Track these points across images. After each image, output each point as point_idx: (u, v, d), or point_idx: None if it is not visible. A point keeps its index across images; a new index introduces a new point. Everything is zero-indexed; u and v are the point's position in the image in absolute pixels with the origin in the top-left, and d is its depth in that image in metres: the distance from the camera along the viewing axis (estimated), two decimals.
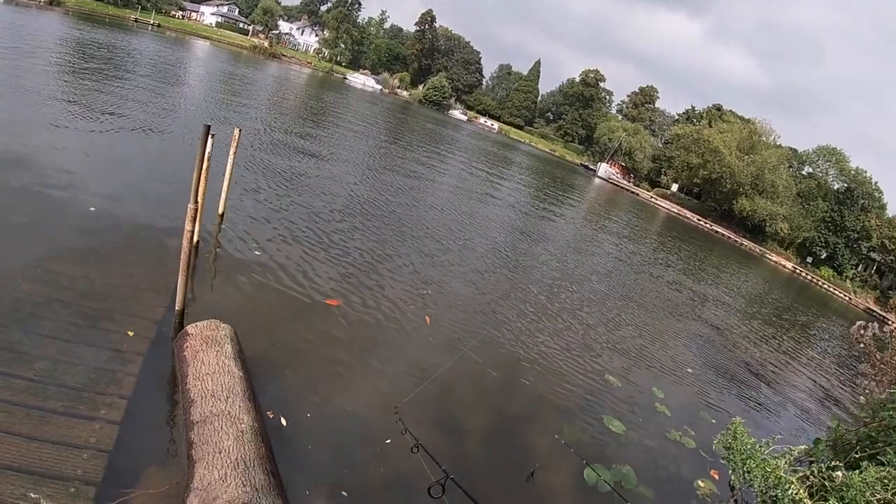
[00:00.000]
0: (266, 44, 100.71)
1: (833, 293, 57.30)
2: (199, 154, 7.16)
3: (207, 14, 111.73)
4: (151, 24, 78.64)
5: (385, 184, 22.17)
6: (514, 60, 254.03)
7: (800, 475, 5.97)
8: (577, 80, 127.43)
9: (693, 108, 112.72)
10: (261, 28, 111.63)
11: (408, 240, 15.51)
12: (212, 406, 5.74)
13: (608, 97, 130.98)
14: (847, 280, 65.89)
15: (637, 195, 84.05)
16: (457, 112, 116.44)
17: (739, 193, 73.70)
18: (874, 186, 73.37)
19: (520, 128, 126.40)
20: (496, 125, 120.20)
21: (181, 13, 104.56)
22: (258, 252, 11.02)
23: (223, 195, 11.79)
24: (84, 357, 6.21)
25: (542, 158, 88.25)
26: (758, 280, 41.93)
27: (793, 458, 6.14)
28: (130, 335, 6.91)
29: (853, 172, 74.64)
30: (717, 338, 18.10)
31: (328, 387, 7.56)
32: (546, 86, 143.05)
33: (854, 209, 71.77)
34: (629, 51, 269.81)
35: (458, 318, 11.51)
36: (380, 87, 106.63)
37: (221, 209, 11.88)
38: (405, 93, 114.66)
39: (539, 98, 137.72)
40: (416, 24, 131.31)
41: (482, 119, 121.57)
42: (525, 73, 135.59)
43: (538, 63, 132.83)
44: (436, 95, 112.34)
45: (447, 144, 51.87)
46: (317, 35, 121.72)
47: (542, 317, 13.43)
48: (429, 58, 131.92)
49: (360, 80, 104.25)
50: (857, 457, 7.10)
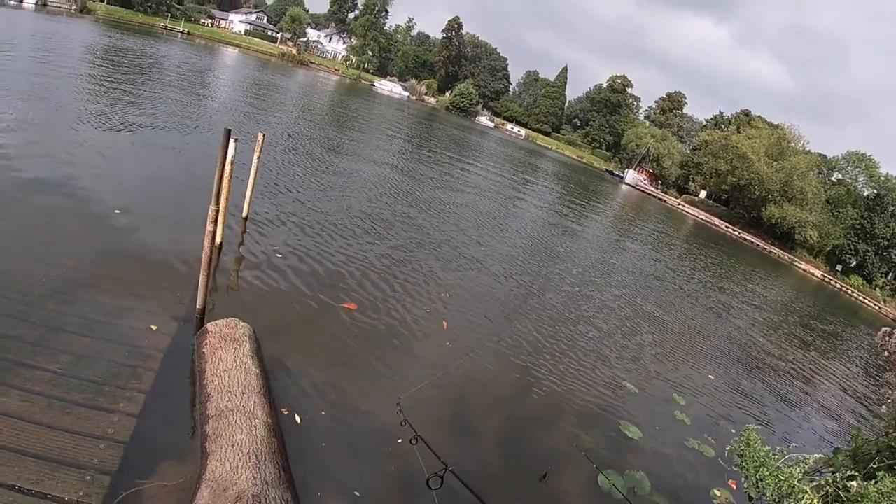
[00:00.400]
0: (294, 51, 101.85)
1: (862, 302, 56.00)
2: (221, 157, 7.34)
3: (236, 22, 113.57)
4: (181, 32, 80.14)
5: (408, 190, 22.30)
6: (541, 67, 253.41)
7: (814, 484, 5.89)
8: (605, 86, 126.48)
9: (721, 114, 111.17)
10: (289, 36, 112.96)
11: (428, 246, 15.56)
12: (227, 401, 5.88)
13: (636, 103, 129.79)
14: (877, 289, 64.09)
15: (664, 202, 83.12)
16: (484, 118, 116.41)
17: (768, 200, 72.30)
18: None
19: (547, 134, 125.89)
20: (523, 132, 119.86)
21: (210, 21, 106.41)
22: (279, 255, 11.20)
23: (247, 198, 12.03)
24: (106, 352, 6.42)
25: (569, 165, 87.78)
26: (786, 289, 41.18)
27: (808, 468, 6.04)
28: (154, 329, 7.14)
29: (883, 179, 73.09)
30: (742, 346, 17.84)
31: (343, 386, 7.66)
32: (573, 92, 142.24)
33: (884, 216, 69.85)
34: (656, 56, 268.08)
35: (476, 324, 11.52)
36: (407, 94, 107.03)
37: (245, 212, 12.13)
38: (432, 99, 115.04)
39: (566, 104, 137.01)
40: (443, 31, 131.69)
41: (509, 125, 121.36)
42: (552, 80, 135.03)
43: (565, 69, 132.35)
44: (463, 102, 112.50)
45: (473, 151, 51.94)
46: (344, 42, 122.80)
47: (562, 323, 13.37)
48: (456, 64, 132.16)
49: (388, 87, 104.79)
50: (876, 467, 6.96)
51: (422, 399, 7.87)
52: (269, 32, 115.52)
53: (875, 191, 73.57)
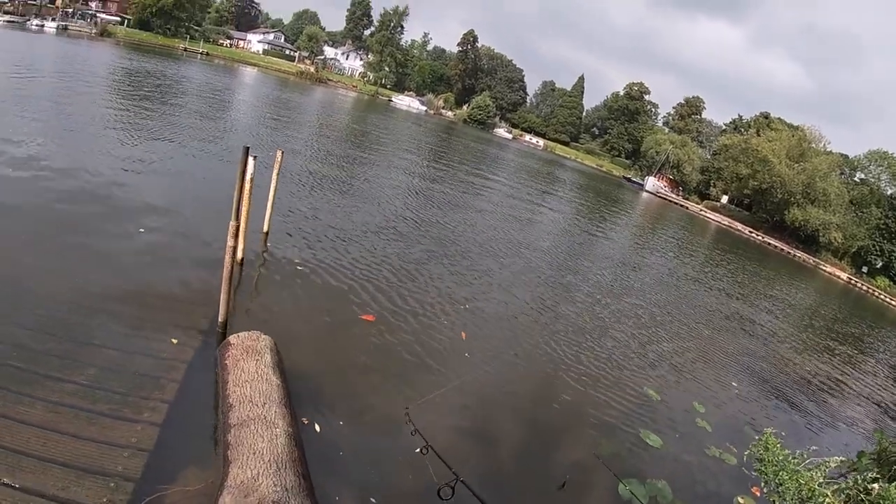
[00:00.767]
0: (312, 69, 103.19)
1: (889, 304, 54.69)
2: (240, 174, 7.52)
3: (254, 42, 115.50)
4: (200, 53, 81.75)
5: (427, 203, 22.44)
6: (558, 76, 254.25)
7: (835, 488, 5.81)
8: (622, 94, 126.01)
9: (740, 118, 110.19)
10: (306, 54, 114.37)
11: (447, 257, 15.63)
12: (249, 411, 5.99)
13: (653, 110, 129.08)
14: None
15: (686, 208, 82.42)
16: (502, 130, 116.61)
17: (791, 203, 71.16)
18: None
19: (565, 144, 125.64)
20: (541, 142, 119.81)
21: (229, 42, 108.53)
22: (300, 268, 11.36)
23: (267, 214, 12.23)
24: (131, 364, 6.61)
25: (589, 174, 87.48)
26: (810, 292, 40.48)
27: (829, 471, 5.96)
28: (176, 342, 7.32)
29: None
30: (765, 352, 17.60)
31: (362, 397, 7.73)
32: (590, 101, 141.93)
33: None
34: (672, 62, 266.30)
35: (495, 334, 11.53)
36: (424, 109, 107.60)
37: (266, 227, 12.32)
38: (450, 113, 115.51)
39: (584, 113, 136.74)
40: (459, 45, 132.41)
41: (527, 136, 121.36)
42: (569, 89, 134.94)
43: (581, 78, 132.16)
44: (480, 115, 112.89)
45: (491, 163, 52.06)
46: (361, 59, 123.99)
47: (582, 332, 13.32)
48: (472, 77, 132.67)
49: (405, 102, 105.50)
50: None
51: (438, 408, 7.92)
52: (287, 51, 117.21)
53: None
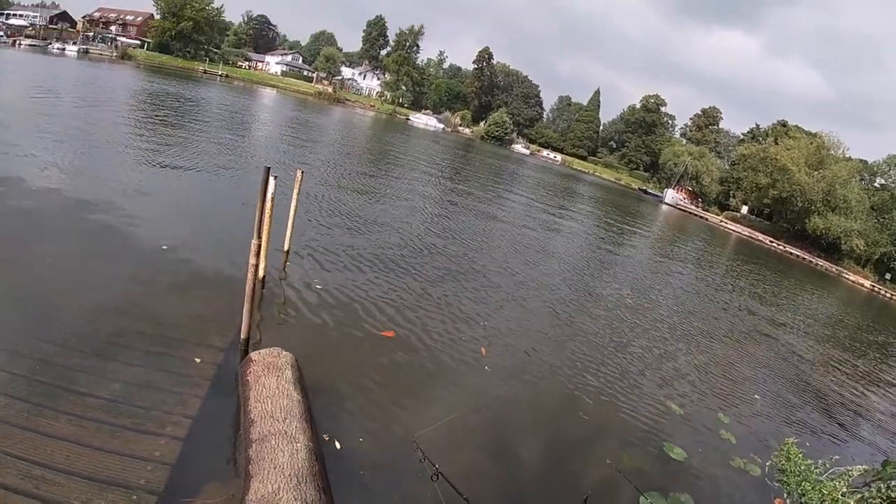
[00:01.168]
0: (330, 89, 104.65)
1: None
2: (261, 194, 7.63)
3: (273, 63, 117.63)
4: (220, 75, 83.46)
5: (446, 220, 22.52)
6: (574, 91, 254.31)
7: (858, 497, 5.71)
8: (638, 107, 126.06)
9: (758, 126, 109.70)
10: (324, 75, 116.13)
11: (466, 273, 15.61)
12: (270, 426, 6.03)
13: (670, 122, 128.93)
14: None
15: (706, 220, 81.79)
16: (519, 146, 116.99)
17: (811, 211, 70.22)
18: None
19: (583, 158, 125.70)
20: (559, 157, 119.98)
21: (247, 63, 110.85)
22: (319, 286, 11.43)
23: (288, 233, 12.37)
24: (154, 380, 6.72)
25: (607, 188, 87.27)
26: (833, 301, 39.75)
27: (853, 480, 5.87)
28: (198, 361, 7.40)
29: None
30: (789, 363, 17.30)
31: (382, 413, 7.73)
32: (607, 114, 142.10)
33: None
34: (688, 73, 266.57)
35: (515, 349, 11.45)
36: (442, 126, 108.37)
37: (287, 246, 12.45)
38: (467, 130, 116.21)
39: (601, 127, 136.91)
40: (474, 62, 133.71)
41: (545, 152, 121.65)
42: (585, 104, 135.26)
43: (597, 92, 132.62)
44: (497, 131, 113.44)
45: (509, 178, 52.12)
46: (378, 79, 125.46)
47: (603, 345, 13.20)
48: (488, 94, 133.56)
49: (423, 121, 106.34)
50: None
51: (458, 427, 7.90)
52: (305, 72, 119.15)
53: None
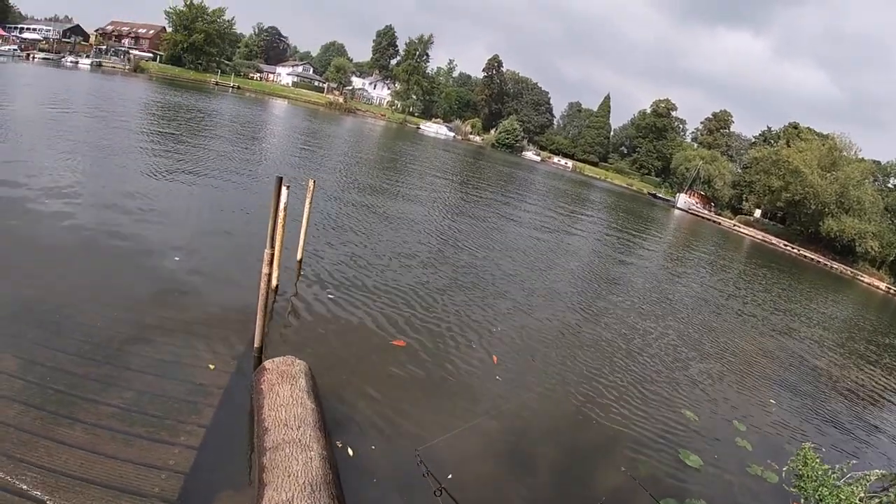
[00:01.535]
0: (341, 99, 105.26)
1: None
2: (274, 203, 7.68)
3: (284, 74, 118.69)
4: (231, 87, 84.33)
5: (457, 227, 22.52)
6: (584, 97, 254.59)
7: (876, 502, 5.64)
8: (649, 112, 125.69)
9: (769, 129, 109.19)
10: (335, 85, 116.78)
11: (477, 281, 15.58)
12: (284, 434, 6.03)
13: (681, 126, 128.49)
14: None
15: (719, 224, 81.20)
16: (530, 153, 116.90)
17: (825, 214, 69.61)
18: None
19: (594, 164, 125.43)
20: (570, 163, 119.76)
21: (259, 75, 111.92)
22: (331, 295, 11.46)
23: (300, 242, 12.42)
24: (168, 389, 6.75)
25: (618, 193, 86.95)
26: (849, 304, 39.28)
27: (869, 484, 5.79)
28: (211, 369, 7.43)
29: None
30: (805, 368, 17.10)
31: (394, 423, 7.70)
32: (617, 120, 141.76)
33: None
34: (698, 76, 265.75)
35: (526, 358, 11.39)
36: (453, 135, 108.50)
37: (299, 255, 12.50)
38: (478, 138, 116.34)
39: (611, 133, 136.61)
40: (484, 70, 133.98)
41: (556, 158, 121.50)
42: (595, 109, 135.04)
43: (608, 98, 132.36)
44: (508, 138, 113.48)
45: (521, 185, 52.10)
46: (388, 88, 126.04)
47: (616, 352, 13.10)
48: (498, 102, 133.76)
49: (433, 129, 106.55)
50: None
51: (469, 437, 7.87)
52: (316, 83, 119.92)
53: None
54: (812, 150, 74.82)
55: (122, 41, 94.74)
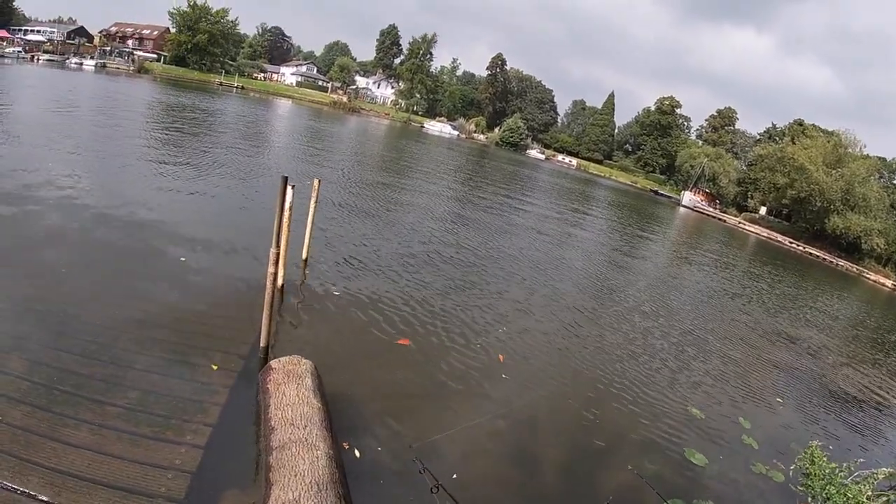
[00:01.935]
0: (345, 99, 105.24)
1: None
2: (279, 203, 7.67)
3: (287, 74, 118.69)
4: (235, 87, 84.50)
5: (462, 226, 22.50)
6: (587, 95, 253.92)
7: (884, 500, 5.59)
8: (653, 109, 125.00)
9: (774, 126, 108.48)
10: (339, 84, 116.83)
11: (481, 279, 15.57)
12: (290, 433, 6.02)
13: (686, 123, 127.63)
14: None
15: (724, 221, 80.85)
16: (534, 152, 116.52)
17: (830, 211, 68.98)
18: None
19: (599, 162, 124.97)
20: (574, 161, 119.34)
21: (263, 75, 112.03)
22: (336, 294, 11.46)
23: (306, 241, 12.42)
24: (174, 389, 6.76)
25: (623, 191, 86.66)
26: (854, 302, 39.01)
27: (877, 483, 5.75)
28: (217, 369, 7.44)
29: None
30: (810, 366, 16.99)
31: (399, 422, 7.67)
32: (622, 117, 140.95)
33: None
34: (702, 74, 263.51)
35: (532, 356, 11.36)
36: (457, 133, 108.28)
37: (305, 255, 12.51)
38: (482, 136, 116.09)
39: (616, 131, 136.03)
40: (488, 69, 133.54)
41: (560, 156, 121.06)
42: (599, 107, 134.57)
43: (612, 95, 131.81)
44: (512, 137, 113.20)
45: (525, 184, 52.02)
46: (392, 87, 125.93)
47: (621, 351, 13.05)
48: (502, 100, 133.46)
49: (437, 128, 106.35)
50: None
51: (476, 435, 7.86)
52: (320, 82, 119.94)
53: None
54: (817, 147, 74.21)
55: (127, 42, 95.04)
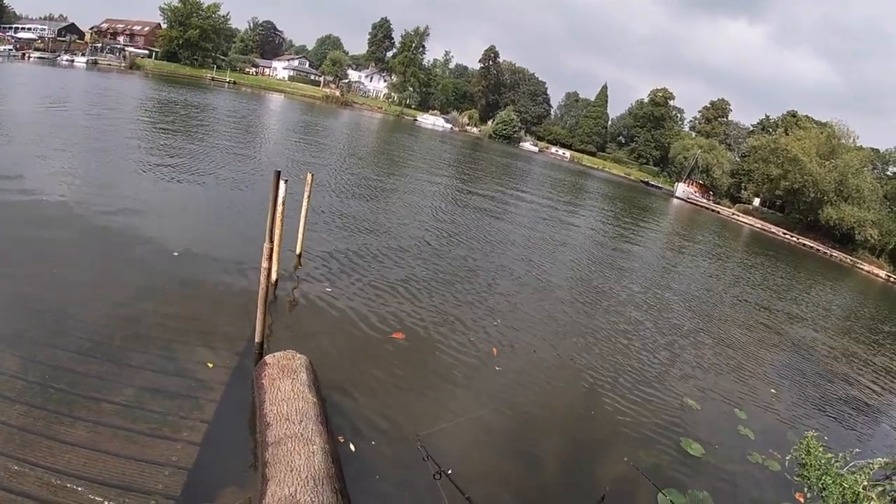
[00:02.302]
0: (337, 93, 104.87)
1: None
2: (272, 198, 7.66)
3: (279, 69, 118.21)
4: (227, 82, 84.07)
5: (455, 219, 22.50)
6: (581, 87, 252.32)
7: (879, 490, 5.63)
8: (646, 101, 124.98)
9: (767, 118, 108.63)
10: (331, 78, 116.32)
11: (475, 272, 15.59)
12: (286, 429, 6.03)
13: (679, 115, 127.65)
14: None
15: (718, 213, 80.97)
16: (527, 144, 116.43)
17: (824, 202, 69.20)
18: None
19: (592, 154, 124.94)
20: (568, 153, 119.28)
21: (255, 70, 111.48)
22: (330, 288, 11.46)
23: (300, 236, 12.41)
24: (169, 385, 6.75)
25: (616, 183, 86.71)
26: (848, 292, 39.19)
27: (873, 473, 5.79)
28: (211, 366, 7.43)
29: None
30: (805, 356, 17.09)
31: (394, 415, 7.70)
32: (615, 109, 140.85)
33: None
34: (696, 66, 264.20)
35: (526, 349, 11.39)
36: (450, 126, 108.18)
37: (298, 249, 12.49)
38: (475, 129, 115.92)
39: (609, 122, 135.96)
40: (480, 61, 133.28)
41: (553, 149, 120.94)
42: (593, 99, 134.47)
43: (605, 87, 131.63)
44: (505, 129, 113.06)
45: (518, 176, 51.97)
46: (385, 81, 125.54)
47: (616, 342, 13.10)
48: (495, 93, 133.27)
49: (430, 121, 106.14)
50: None
51: (470, 427, 7.89)
52: (312, 76, 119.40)
53: None
54: (810, 139, 74.34)
55: (118, 38, 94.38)
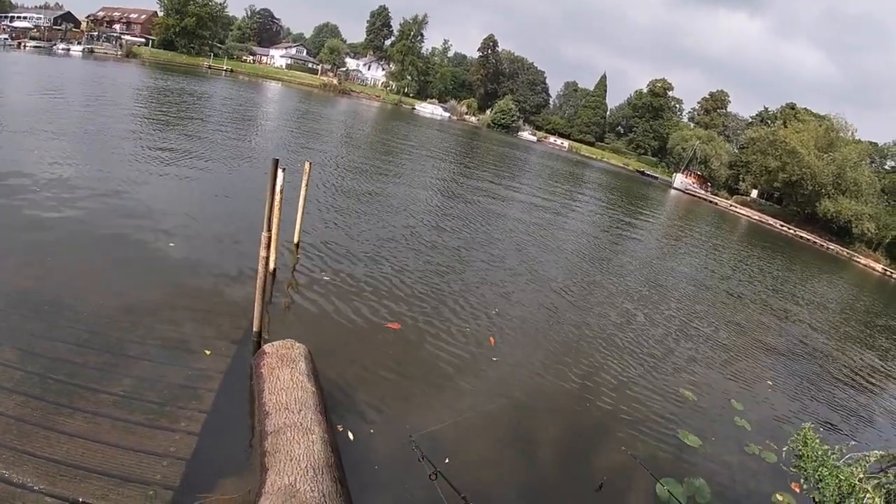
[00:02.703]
0: (335, 81, 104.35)
1: None
2: (270, 186, 7.63)
3: (277, 57, 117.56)
4: (224, 70, 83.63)
5: (452, 209, 22.47)
6: (580, 77, 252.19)
7: (875, 482, 5.66)
8: (645, 92, 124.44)
9: (766, 109, 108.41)
10: (329, 66, 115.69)
11: (473, 263, 15.59)
12: (285, 418, 6.04)
13: (678, 106, 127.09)
14: None
15: (716, 204, 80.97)
16: (526, 133, 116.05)
17: (822, 195, 69.03)
18: None
19: (591, 144, 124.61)
20: (566, 143, 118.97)
21: (252, 58, 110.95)
22: (328, 277, 11.45)
23: (297, 225, 12.39)
24: (167, 375, 6.74)
25: (615, 173, 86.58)
26: (845, 285, 39.22)
27: (870, 465, 5.81)
28: (210, 355, 7.43)
29: None
30: (801, 348, 17.14)
31: (391, 405, 7.73)
32: (614, 100, 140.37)
33: None
34: (695, 56, 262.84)
35: (524, 339, 11.42)
36: (448, 115, 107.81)
37: (296, 238, 12.49)
38: (473, 118, 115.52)
39: (608, 113, 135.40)
40: (479, 50, 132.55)
41: (552, 138, 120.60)
42: (592, 89, 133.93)
43: (604, 77, 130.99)
44: (504, 119, 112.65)
45: (517, 166, 51.91)
46: (383, 69, 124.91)
47: (613, 333, 13.13)
48: (494, 82, 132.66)
49: (429, 110, 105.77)
50: None
51: (467, 420, 7.90)
52: (310, 64, 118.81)
53: None
54: (809, 131, 74.13)
55: (114, 27, 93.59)
